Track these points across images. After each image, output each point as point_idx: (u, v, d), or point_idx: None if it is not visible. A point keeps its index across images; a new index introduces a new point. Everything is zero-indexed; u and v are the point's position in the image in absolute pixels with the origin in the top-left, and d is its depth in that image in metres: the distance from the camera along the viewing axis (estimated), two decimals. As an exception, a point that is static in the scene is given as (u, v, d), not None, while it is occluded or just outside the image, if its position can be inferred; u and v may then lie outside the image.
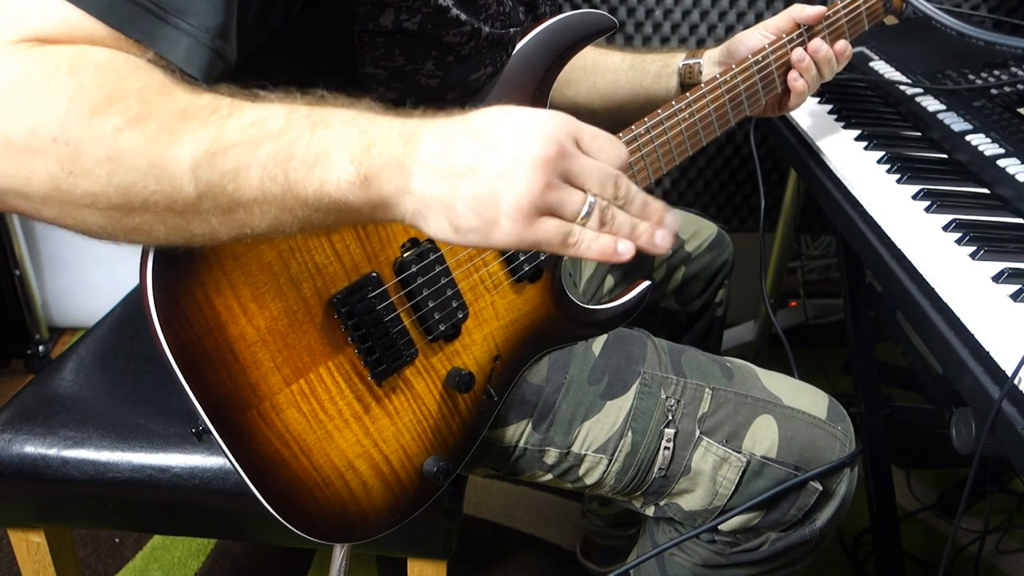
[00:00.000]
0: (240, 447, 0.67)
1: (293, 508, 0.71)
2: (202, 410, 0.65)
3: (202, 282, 0.63)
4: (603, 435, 0.85)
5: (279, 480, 0.69)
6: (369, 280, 0.71)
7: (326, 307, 0.69)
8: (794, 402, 0.86)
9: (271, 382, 0.67)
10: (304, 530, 0.72)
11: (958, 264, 0.80)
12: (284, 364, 0.67)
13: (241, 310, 0.65)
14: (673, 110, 0.85)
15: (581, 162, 0.55)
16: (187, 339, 0.63)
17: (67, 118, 0.48)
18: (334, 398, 0.71)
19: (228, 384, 0.65)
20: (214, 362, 0.64)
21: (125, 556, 1.44)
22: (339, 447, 0.72)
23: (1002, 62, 1.14)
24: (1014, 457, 0.66)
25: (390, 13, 0.67)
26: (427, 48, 0.70)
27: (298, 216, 0.53)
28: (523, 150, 0.52)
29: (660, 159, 0.86)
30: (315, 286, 0.68)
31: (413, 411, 0.76)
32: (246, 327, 0.65)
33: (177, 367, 0.63)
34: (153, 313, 0.61)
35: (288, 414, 0.68)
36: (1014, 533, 1.51)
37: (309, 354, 0.69)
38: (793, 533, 0.86)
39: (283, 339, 0.67)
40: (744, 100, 0.90)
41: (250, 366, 0.66)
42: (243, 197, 0.52)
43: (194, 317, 0.63)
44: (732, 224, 1.78)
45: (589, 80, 1.03)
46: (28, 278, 1.86)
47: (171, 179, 0.50)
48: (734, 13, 1.52)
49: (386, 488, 0.76)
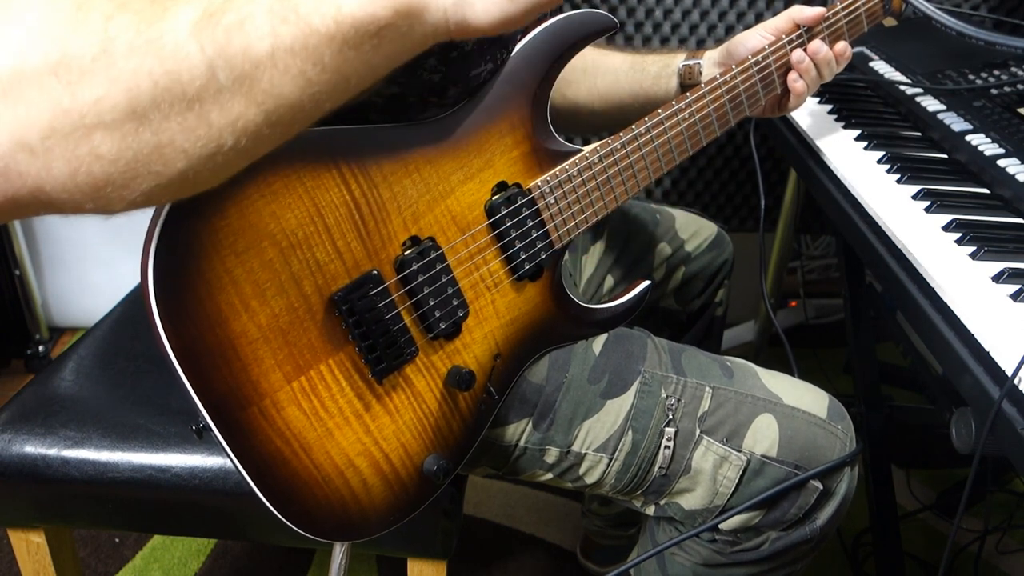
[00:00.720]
0: (240, 444, 0.67)
1: (293, 506, 0.71)
2: (202, 407, 0.65)
3: (204, 278, 0.62)
4: (603, 434, 0.85)
5: (279, 478, 0.69)
6: (370, 278, 0.71)
7: (327, 305, 0.69)
8: (794, 401, 0.86)
9: (272, 379, 0.67)
10: (304, 528, 0.72)
11: (958, 264, 0.80)
12: (285, 361, 0.67)
13: (243, 307, 0.64)
14: (673, 110, 0.85)
15: None
16: (188, 335, 0.62)
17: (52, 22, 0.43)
18: (335, 396, 0.71)
19: (229, 381, 0.65)
20: (215, 359, 0.64)
21: (125, 556, 1.44)
22: (339, 445, 0.72)
23: (1002, 62, 1.15)
24: (1014, 457, 0.66)
25: None
26: None
27: (330, 64, 0.48)
28: None
29: (660, 159, 0.86)
30: (316, 283, 0.68)
31: (413, 409, 0.76)
32: (247, 324, 0.65)
33: (178, 363, 0.63)
34: (154, 308, 0.61)
35: (289, 411, 0.68)
36: (1014, 533, 1.51)
37: (310, 351, 0.69)
38: (793, 532, 0.86)
39: (284, 336, 0.67)
40: (744, 100, 0.91)
41: (251, 363, 0.66)
42: (258, 53, 0.46)
43: (195, 313, 0.62)
44: (732, 224, 1.78)
45: (589, 81, 1.03)
46: (28, 278, 1.86)
47: (175, 53, 0.44)
48: (734, 13, 1.52)
49: (386, 486, 0.76)
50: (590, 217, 0.84)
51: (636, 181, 0.86)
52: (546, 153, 0.81)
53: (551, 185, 0.81)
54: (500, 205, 0.77)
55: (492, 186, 0.78)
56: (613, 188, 0.85)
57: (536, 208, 0.80)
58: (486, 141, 0.77)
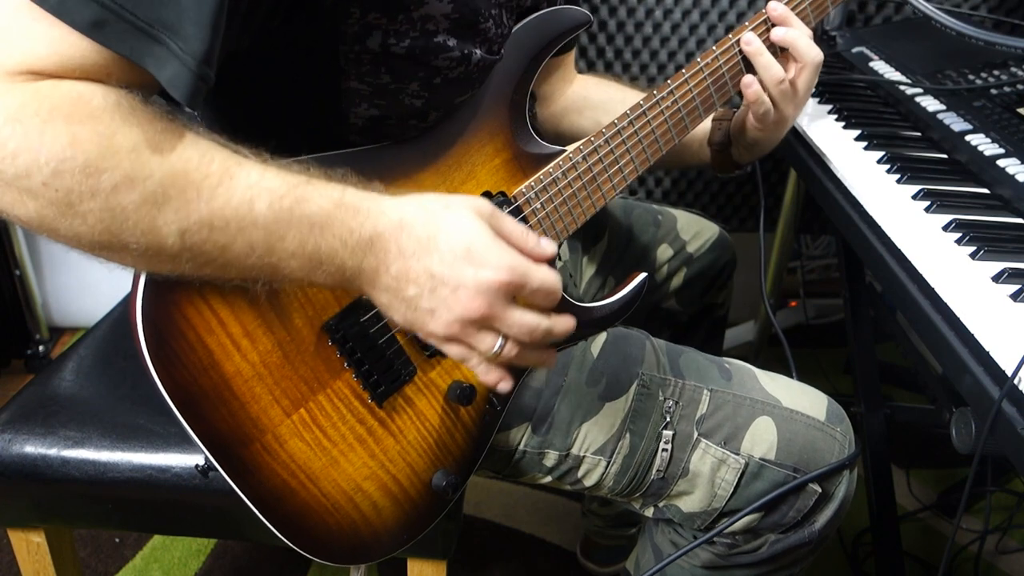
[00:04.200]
0: (247, 481, 0.67)
1: (305, 535, 0.70)
2: (205, 448, 0.64)
3: (192, 323, 0.62)
4: (601, 437, 0.85)
5: (289, 510, 0.69)
6: (360, 304, 0.70)
7: (319, 334, 0.68)
8: (793, 403, 0.86)
9: (271, 414, 0.67)
10: (318, 555, 0.72)
11: (958, 264, 0.80)
12: (283, 396, 0.67)
13: (234, 347, 0.64)
14: (655, 100, 0.83)
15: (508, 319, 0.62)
16: (183, 380, 0.62)
17: (60, 169, 0.49)
18: (336, 424, 0.70)
19: (229, 421, 0.65)
20: (212, 400, 0.64)
21: (125, 556, 1.44)
22: (346, 472, 0.71)
23: (1002, 62, 1.14)
24: (1014, 457, 0.66)
25: (377, 35, 0.66)
26: (414, 69, 0.69)
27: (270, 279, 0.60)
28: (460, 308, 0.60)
29: (646, 150, 0.84)
30: (306, 315, 0.68)
31: (417, 428, 0.75)
32: (240, 363, 0.65)
33: (176, 408, 0.63)
34: (146, 356, 0.61)
35: (291, 444, 0.68)
36: (1014, 533, 1.51)
37: (307, 383, 0.68)
38: (792, 535, 0.86)
39: (279, 371, 0.67)
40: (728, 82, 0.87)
41: (249, 401, 0.65)
42: (224, 260, 0.57)
43: (187, 358, 0.62)
44: (732, 224, 1.78)
45: (596, 116, 1.02)
46: (28, 278, 1.86)
47: (158, 237, 0.53)
48: (734, 13, 1.51)
49: (396, 506, 0.75)
50: (579, 217, 0.83)
51: (623, 176, 0.84)
52: (528, 158, 0.80)
53: (536, 191, 0.80)
54: None
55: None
56: (600, 186, 0.83)
57: (523, 215, 0.79)
58: (466, 153, 0.77)
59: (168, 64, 0.52)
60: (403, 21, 0.66)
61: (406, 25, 0.66)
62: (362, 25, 0.65)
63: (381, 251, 0.60)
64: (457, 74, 0.71)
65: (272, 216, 0.56)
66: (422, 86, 0.70)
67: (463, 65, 0.71)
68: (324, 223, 0.58)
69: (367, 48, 0.66)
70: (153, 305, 0.60)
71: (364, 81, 0.69)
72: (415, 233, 0.60)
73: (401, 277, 0.61)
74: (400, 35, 0.66)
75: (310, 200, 0.58)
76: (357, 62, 0.68)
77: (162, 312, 0.61)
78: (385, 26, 0.66)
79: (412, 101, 0.71)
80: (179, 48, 0.52)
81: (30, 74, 0.50)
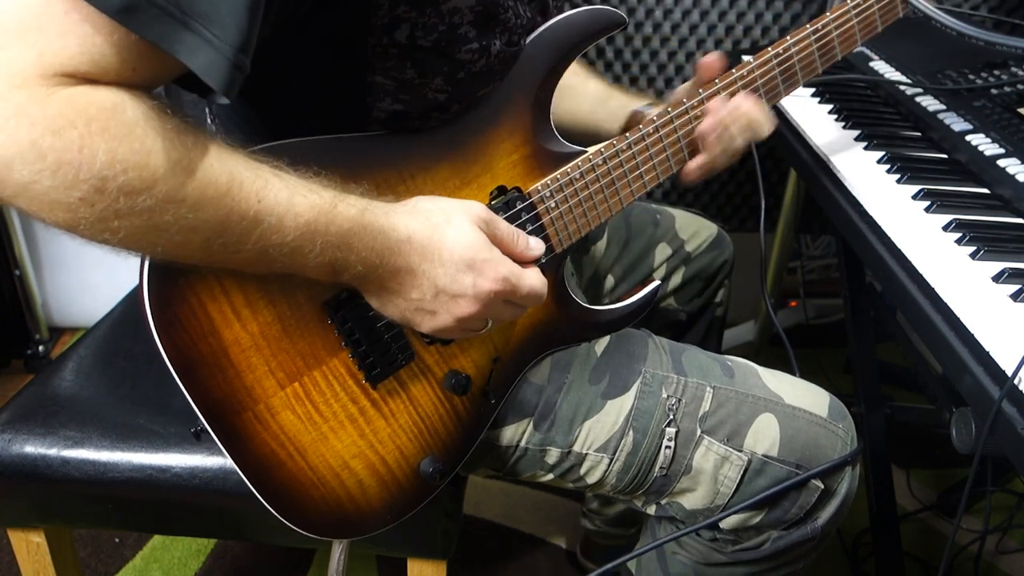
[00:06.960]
0: (237, 447, 0.68)
1: (290, 505, 0.71)
2: (200, 412, 0.66)
3: (196, 289, 0.63)
4: (604, 434, 0.85)
5: (276, 479, 0.70)
6: None
7: (319, 312, 0.69)
8: (795, 400, 0.86)
9: (265, 385, 0.68)
10: (301, 526, 0.73)
11: (958, 264, 0.80)
12: (278, 368, 0.68)
13: (235, 315, 0.65)
14: (684, 107, 0.83)
15: (496, 314, 0.72)
16: (183, 344, 0.64)
17: (99, 187, 0.50)
18: (328, 401, 0.71)
19: (224, 387, 0.66)
20: (210, 366, 0.65)
21: (125, 556, 1.44)
22: (334, 448, 0.72)
23: (1002, 62, 1.15)
24: (1014, 457, 0.66)
25: (405, 28, 0.66)
26: (439, 63, 0.69)
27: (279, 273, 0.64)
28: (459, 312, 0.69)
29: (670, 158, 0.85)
30: (308, 291, 0.68)
31: (409, 413, 0.76)
32: (240, 332, 0.66)
33: (174, 371, 0.64)
34: (150, 319, 0.62)
35: (283, 416, 0.69)
36: (1014, 533, 1.51)
37: (303, 358, 0.69)
38: (794, 531, 0.86)
39: (277, 344, 0.68)
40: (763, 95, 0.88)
41: (244, 370, 0.67)
42: (242, 264, 0.61)
43: (189, 323, 0.63)
44: (732, 224, 1.78)
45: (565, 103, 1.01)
46: (28, 278, 1.86)
47: (184, 250, 0.57)
48: (734, 13, 1.51)
49: (382, 487, 0.76)
50: (593, 220, 0.83)
51: (643, 183, 0.84)
52: (548, 155, 0.80)
53: (551, 189, 0.80)
54: (498, 210, 0.77)
55: (490, 191, 0.78)
56: (618, 190, 0.83)
57: (536, 212, 0.80)
58: (485, 146, 0.77)
59: (200, 52, 0.52)
60: (431, 14, 0.66)
61: (434, 18, 0.67)
62: (391, 18, 0.66)
63: (391, 265, 0.66)
64: (480, 67, 0.72)
65: (297, 235, 0.60)
66: (446, 80, 0.71)
67: (484, 57, 0.71)
68: (345, 243, 0.63)
69: (394, 41, 0.67)
70: (159, 270, 0.62)
71: (389, 76, 0.69)
72: (421, 249, 0.67)
73: (406, 284, 0.68)
74: (428, 28, 0.67)
75: (333, 222, 0.62)
76: (383, 56, 0.68)
77: (167, 277, 0.62)
78: (414, 19, 0.66)
79: (436, 95, 0.72)
80: (214, 36, 0.52)
81: (64, 76, 0.49)
